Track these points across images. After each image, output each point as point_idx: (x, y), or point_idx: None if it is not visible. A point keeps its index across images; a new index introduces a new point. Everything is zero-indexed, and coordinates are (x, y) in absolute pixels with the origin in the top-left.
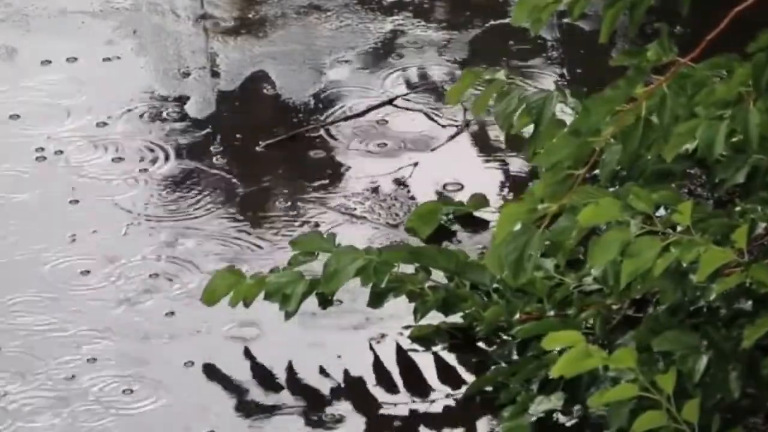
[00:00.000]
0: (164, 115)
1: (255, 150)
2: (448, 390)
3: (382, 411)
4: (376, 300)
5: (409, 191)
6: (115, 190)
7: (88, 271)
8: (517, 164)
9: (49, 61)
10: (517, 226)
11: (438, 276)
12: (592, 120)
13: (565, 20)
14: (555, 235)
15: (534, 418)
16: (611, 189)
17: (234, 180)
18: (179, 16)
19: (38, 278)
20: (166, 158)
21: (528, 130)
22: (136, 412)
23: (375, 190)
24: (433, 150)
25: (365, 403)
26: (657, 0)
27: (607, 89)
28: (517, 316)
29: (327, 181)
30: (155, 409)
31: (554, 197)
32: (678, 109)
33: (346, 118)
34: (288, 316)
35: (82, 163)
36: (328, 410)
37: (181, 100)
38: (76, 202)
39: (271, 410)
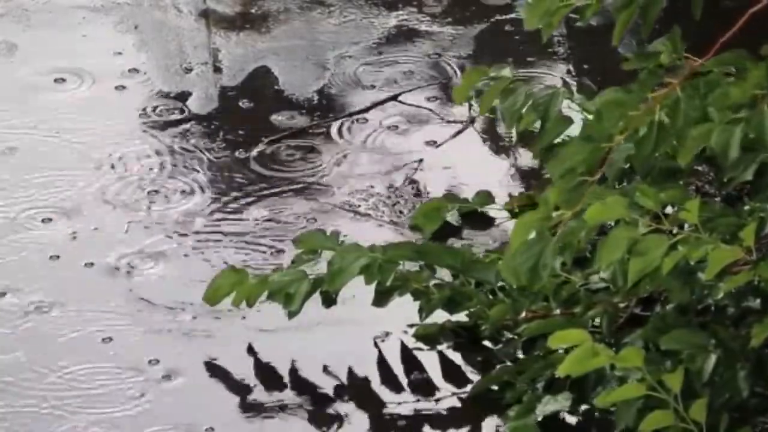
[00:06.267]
0: (166, 111)
1: (258, 146)
2: (453, 389)
3: (386, 410)
4: (381, 299)
5: (413, 188)
6: (117, 187)
7: (92, 263)
8: (523, 161)
9: (49, 58)
10: (532, 235)
11: (443, 274)
12: (604, 125)
13: (573, 15)
14: (564, 237)
15: (540, 418)
16: (619, 187)
17: (236, 177)
18: (181, 11)
19: None
20: (167, 156)
21: (536, 126)
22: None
23: (379, 187)
24: (437, 146)
25: (369, 402)
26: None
27: (618, 91)
28: (523, 314)
29: (330, 178)
30: (157, 406)
31: (568, 204)
32: (692, 111)
33: (350, 114)
34: (291, 315)
35: (83, 160)
36: (332, 409)
37: (183, 96)
38: (75, 201)
39: (275, 409)
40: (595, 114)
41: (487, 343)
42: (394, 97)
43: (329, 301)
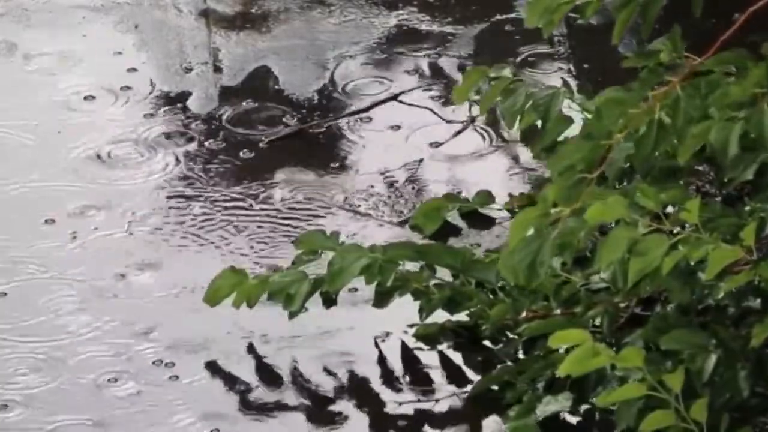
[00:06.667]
0: (166, 111)
1: (258, 146)
2: (454, 389)
3: (386, 409)
4: (381, 299)
5: (413, 188)
6: (118, 187)
7: (92, 263)
8: (524, 161)
9: (49, 57)
10: (530, 231)
11: (443, 274)
12: (604, 123)
13: (573, 14)
14: (563, 236)
15: (540, 418)
16: (619, 186)
17: (237, 177)
18: (181, 11)
19: None
20: (168, 155)
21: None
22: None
23: (379, 186)
24: (438, 146)
25: (370, 402)
26: None
27: (619, 90)
28: (524, 314)
29: (331, 178)
30: (158, 407)
31: (567, 201)
32: (692, 110)
33: (350, 114)
34: (292, 315)
35: (84, 159)
36: (332, 408)
37: (183, 95)
38: (75, 200)
39: (275, 408)
40: (595, 112)
41: (487, 343)
42: (394, 97)
43: (329, 301)
